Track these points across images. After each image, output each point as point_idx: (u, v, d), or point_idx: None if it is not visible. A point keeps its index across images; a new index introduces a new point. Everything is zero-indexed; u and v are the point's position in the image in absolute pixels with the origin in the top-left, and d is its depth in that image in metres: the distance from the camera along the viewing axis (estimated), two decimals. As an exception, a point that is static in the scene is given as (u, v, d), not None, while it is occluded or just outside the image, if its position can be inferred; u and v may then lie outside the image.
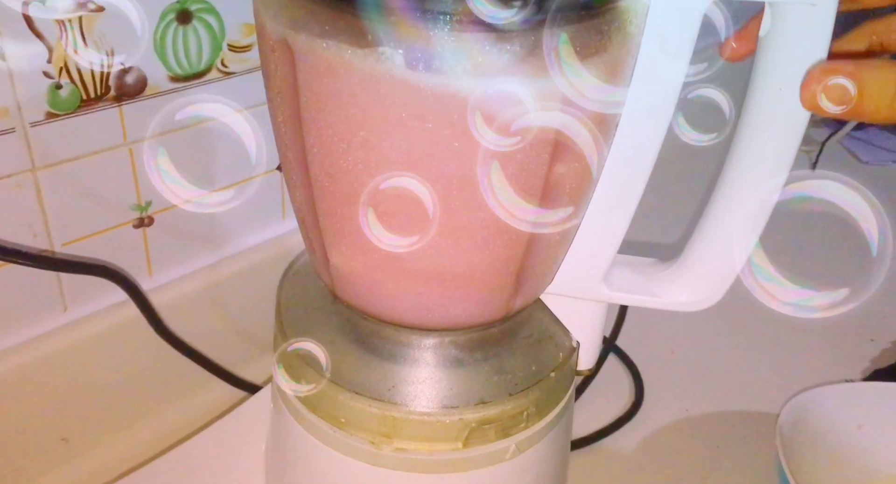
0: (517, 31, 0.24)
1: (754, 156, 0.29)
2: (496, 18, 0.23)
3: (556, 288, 0.34)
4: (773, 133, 0.28)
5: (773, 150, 0.28)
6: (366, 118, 0.26)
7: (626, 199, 0.30)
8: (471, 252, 0.30)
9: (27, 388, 0.42)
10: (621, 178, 0.30)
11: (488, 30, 0.24)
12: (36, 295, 0.42)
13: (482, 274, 0.31)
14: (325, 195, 0.30)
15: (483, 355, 0.34)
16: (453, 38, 0.24)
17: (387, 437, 0.32)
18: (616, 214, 0.31)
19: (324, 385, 0.33)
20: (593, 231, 0.32)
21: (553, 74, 0.24)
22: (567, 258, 0.33)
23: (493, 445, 0.33)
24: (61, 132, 0.39)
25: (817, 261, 0.66)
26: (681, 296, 0.34)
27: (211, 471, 0.41)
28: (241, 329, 0.51)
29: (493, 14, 0.23)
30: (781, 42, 0.26)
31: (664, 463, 0.49)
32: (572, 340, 0.36)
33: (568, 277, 0.33)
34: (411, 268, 0.30)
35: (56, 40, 0.37)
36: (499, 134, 0.26)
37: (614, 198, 0.30)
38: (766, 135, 0.28)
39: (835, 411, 0.47)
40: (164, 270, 0.47)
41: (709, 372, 0.56)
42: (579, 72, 0.25)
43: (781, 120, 0.27)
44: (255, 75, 0.46)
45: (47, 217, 0.40)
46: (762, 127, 0.28)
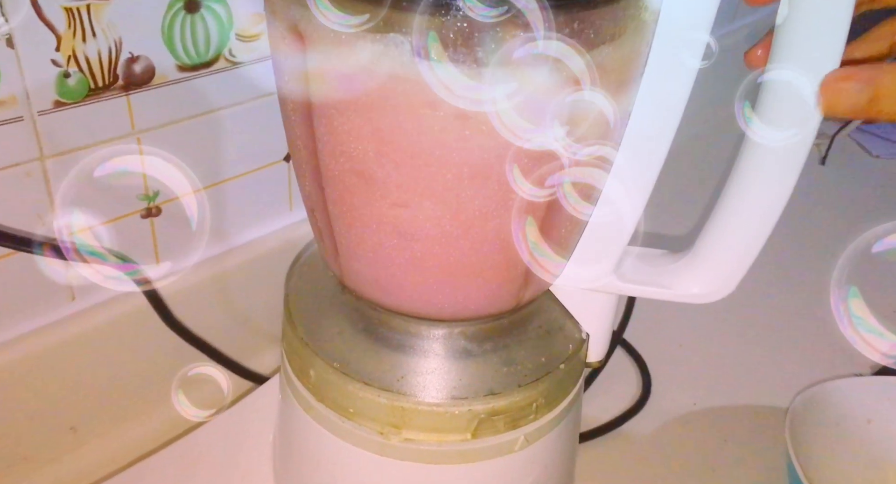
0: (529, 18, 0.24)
1: (769, 146, 0.29)
2: (485, 17, 0.23)
3: (566, 279, 0.34)
4: (788, 123, 0.27)
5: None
6: (376, 106, 0.26)
7: (638, 189, 0.30)
8: (481, 242, 0.29)
9: (35, 377, 0.42)
10: (633, 168, 0.30)
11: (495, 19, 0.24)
12: (44, 284, 0.42)
13: (492, 264, 0.31)
14: (335, 184, 0.30)
15: (492, 346, 0.34)
16: (464, 25, 0.24)
17: (395, 427, 0.32)
18: (628, 205, 0.31)
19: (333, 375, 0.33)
20: (604, 222, 0.32)
21: (567, 62, 0.24)
22: (578, 249, 0.33)
23: (502, 436, 0.33)
24: (69, 121, 0.39)
25: (819, 260, 0.66)
26: (693, 287, 0.33)
27: (218, 461, 0.42)
28: (249, 320, 0.51)
29: (483, 13, 0.23)
30: (798, 30, 0.25)
31: (672, 456, 0.49)
32: (582, 332, 0.36)
33: (579, 268, 0.33)
34: (421, 258, 0.30)
35: (65, 28, 0.37)
36: (511, 123, 0.26)
37: (626, 187, 0.30)
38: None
39: (844, 405, 0.47)
40: (172, 260, 0.47)
41: (717, 365, 0.56)
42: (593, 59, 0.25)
43: (796, 108, 0.26)
44: (262, 65, 0.46)
45: (56, 206, 0.40)
46: (777, 116, 0.28)
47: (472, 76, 0.25)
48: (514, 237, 0.30)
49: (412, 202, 0.28)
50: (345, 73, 0.26)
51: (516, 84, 0.25)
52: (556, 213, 0.30)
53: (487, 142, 0.26)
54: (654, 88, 0.28)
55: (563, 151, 0.27)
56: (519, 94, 0.25)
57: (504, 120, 0.26)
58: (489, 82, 0.25)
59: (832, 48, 0.25)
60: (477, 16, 0.24)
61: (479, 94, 0.25)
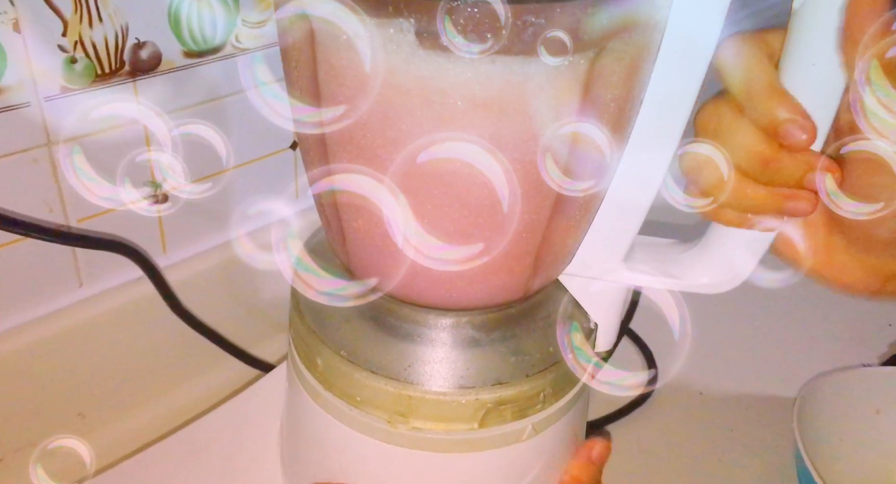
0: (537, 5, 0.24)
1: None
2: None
3: (575, 269, 0.34)
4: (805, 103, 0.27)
5: None
6: (384, 92, 0.26)
7: (648, 178, 0.30)
8: (489, 231, 0.29)
9: (43, 363, 0.42)
10: (644, 156, 0.29)
11: (506, 3, 0.23)
12: (52, 270, 0.42)
13: (501, 253, 0.30)
14: (342, 171, 0.29)
15: (500, 336, 0.34)
16: (471, 11, 0.23)
17: (402, 416, 0.32)
18: (638, 193, 0.30)
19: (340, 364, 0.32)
20: (614, 211, 0.31)
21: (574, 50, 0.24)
22: (587, 239, 0.32)
23: (509, 425, 0.33)
24: (76, 107, 0.39)
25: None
26: (702, 278, 0.33)
27: (225, 448, 0.42)
28: (255, 307, 0.51)
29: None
30: (815, 15, 0.25)
31: (678, 446, 0.49)
32: (590, 322, 0.36)
33: (587, 258, 0.33)
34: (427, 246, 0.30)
35: (71, 13, 0.36)
36: (519, 110, 0.25)
37: (636, 176, 0.30)
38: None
39: (853, 396, 0.47)
40: (179, 248, 0.47)
41: (724, 355, 0.56)
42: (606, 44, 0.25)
43: (814, 96, 0.26)
44: (269, 52, 0.45)
45: (63, 192, 0.40)
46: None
47: (481, 63, 0.24)
48: (522, 226, 0.29)
49: (419, 190, 0.28)
50: (351, 59, 0.26)
51: (523, 72, 0.25)
52: (566, 202, 0.30)
53: (496, 129, 0.26)
54: (666, 75, 0.27)
55: (572, 140, 0.27)
56: (525, 82, 0.25)
57: (513, 107, 0.25)
58: (496, 71, 0.24)
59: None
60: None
61: (487, 81, 0.25)
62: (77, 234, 0.41)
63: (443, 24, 0.24)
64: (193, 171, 0.45)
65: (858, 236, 0.29)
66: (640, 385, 0.52)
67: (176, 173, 0.30)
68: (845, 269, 0.30)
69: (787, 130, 0.26)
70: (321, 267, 0.37)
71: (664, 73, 0.27)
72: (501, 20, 0.23)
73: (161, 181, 0.44)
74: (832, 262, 0.30)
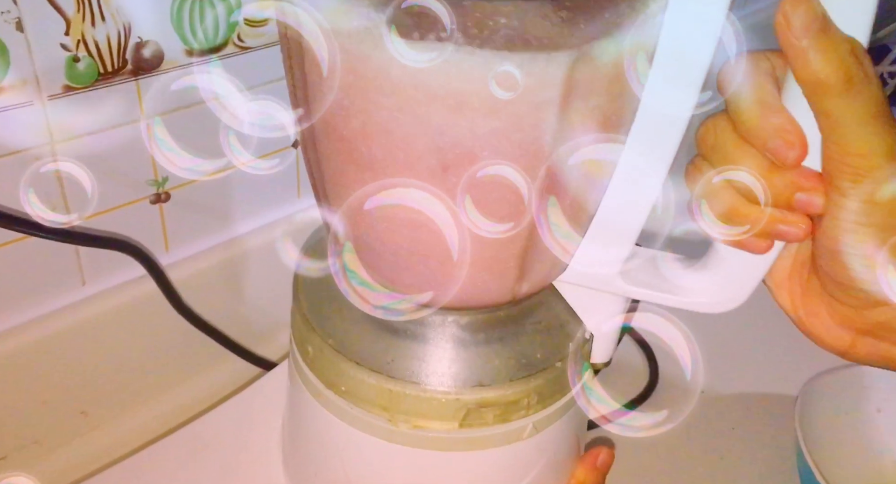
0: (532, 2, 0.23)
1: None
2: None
3: (572, 278, 0.33)
4: (805, 124, 0.26)
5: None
6: (379, 92, 0.26)
7: (644, 189, 0.29)
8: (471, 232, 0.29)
9: (46, 361, 0.42)
10: (640, 166, 0.29)
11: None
12: (55, 269, 0.42)
13: (483, 255, 0.30)
14: (334, 170, 0.29)
15: (486, 338, 0.33)
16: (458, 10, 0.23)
17: (386, 410, 0.32)
18: (633, 205, 0.29)
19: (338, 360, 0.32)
20: (608, 224, 0.30)
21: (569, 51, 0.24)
22: (582, 249, 0.32)
23: (509, 424, 0.33)
24: (79, 106, 0.39)
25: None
26: (701, 296, 0.32)
27: (227, 446, 0.42)
28: (257, 306, 0.52)
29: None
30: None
31: (679, 444, 0.49)
32: (584, 332, 0.35)
33: (584, 267, 0.32)
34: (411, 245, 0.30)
35: (74, 12, 0.37)
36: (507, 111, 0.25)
37: (631, 187, 0.29)
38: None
39: (854, 394, 0.47)
40: (181, 246, 0.47)
41: (725, 354, 0.56)
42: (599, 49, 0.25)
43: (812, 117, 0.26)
44: (271, 50, 0.45)
45: (65, 191, 0.40)
46: (795, 116, 0.27)
47: (468, 58, 0.24)
48: (509, 228, 0.29)
49: (402, 187, 0.28)
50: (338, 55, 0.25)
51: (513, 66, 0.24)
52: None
53: (480, 127, 0.26)
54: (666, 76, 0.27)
55: (562, 140, 0.27)
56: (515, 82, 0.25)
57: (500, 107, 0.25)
58: (486, 65, 0.24)
59: (860, 19, 0.24)
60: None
61: (473, 78, 0.24)
62: (80, 233, 0.41)
63: (435, 22, 0.23)
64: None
65: (827, 282, 0.28)
66: (642, 383, 0.52)
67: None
68: (818, 316, 0.29)
69: (775, 146, 0.25)
70: (322, 265, 0.38)
71: (657, 90, 0.26)
72: (487, 14, 0.23)
73: (162, 181, 0.44)
74: (807, 304, 0.29)
